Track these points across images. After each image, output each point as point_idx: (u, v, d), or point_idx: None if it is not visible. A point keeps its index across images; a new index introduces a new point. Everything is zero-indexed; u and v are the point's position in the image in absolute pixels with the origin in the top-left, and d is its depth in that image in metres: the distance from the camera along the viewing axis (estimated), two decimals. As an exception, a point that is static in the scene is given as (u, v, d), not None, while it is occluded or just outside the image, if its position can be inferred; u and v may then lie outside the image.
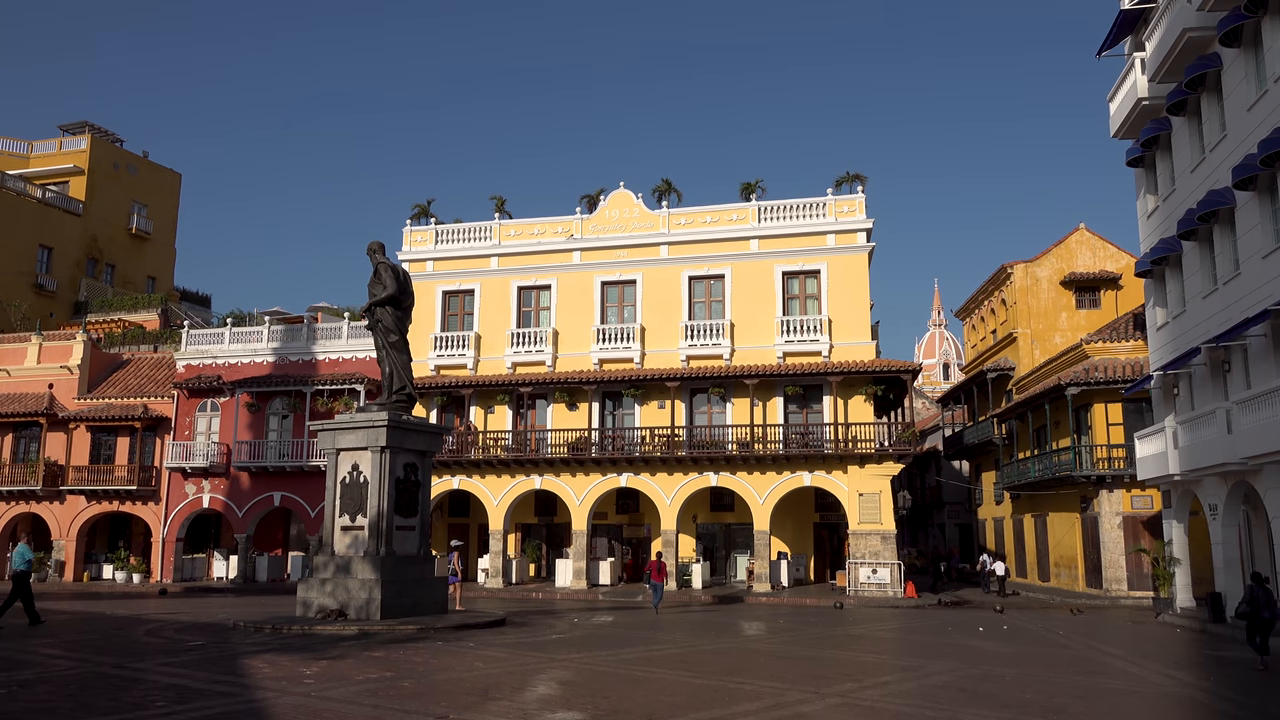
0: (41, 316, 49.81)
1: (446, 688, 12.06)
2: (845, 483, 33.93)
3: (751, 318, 36.24)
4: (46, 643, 17.26)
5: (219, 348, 41.64)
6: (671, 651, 16.70)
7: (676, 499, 35.19)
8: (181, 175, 66.28)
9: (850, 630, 21.63)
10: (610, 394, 36.92)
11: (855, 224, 36.03)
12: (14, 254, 52.11)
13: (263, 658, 14.84)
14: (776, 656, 16.50)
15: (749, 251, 36.77)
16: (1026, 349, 41.90)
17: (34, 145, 60.02)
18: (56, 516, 41.43)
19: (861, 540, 33.42)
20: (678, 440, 34.76)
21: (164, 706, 10.57)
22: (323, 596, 20.53)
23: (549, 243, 38.51)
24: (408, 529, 21.59)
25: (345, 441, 21.46)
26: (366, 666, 13.83)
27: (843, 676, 13.63)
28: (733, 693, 11.97)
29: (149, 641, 17.47)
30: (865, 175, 36.88)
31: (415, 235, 39.97)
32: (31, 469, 40.94)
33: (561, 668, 14.17)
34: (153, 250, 62.17)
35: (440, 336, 38.35)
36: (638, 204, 38.27)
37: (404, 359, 22.67)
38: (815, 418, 35.31)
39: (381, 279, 22.56)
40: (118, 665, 14.03)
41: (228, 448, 39.95)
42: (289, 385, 39.22)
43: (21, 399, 42.16)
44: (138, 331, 49.12)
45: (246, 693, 11.50)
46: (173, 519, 40.49)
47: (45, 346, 43.44)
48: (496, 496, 36.68)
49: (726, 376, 34.83)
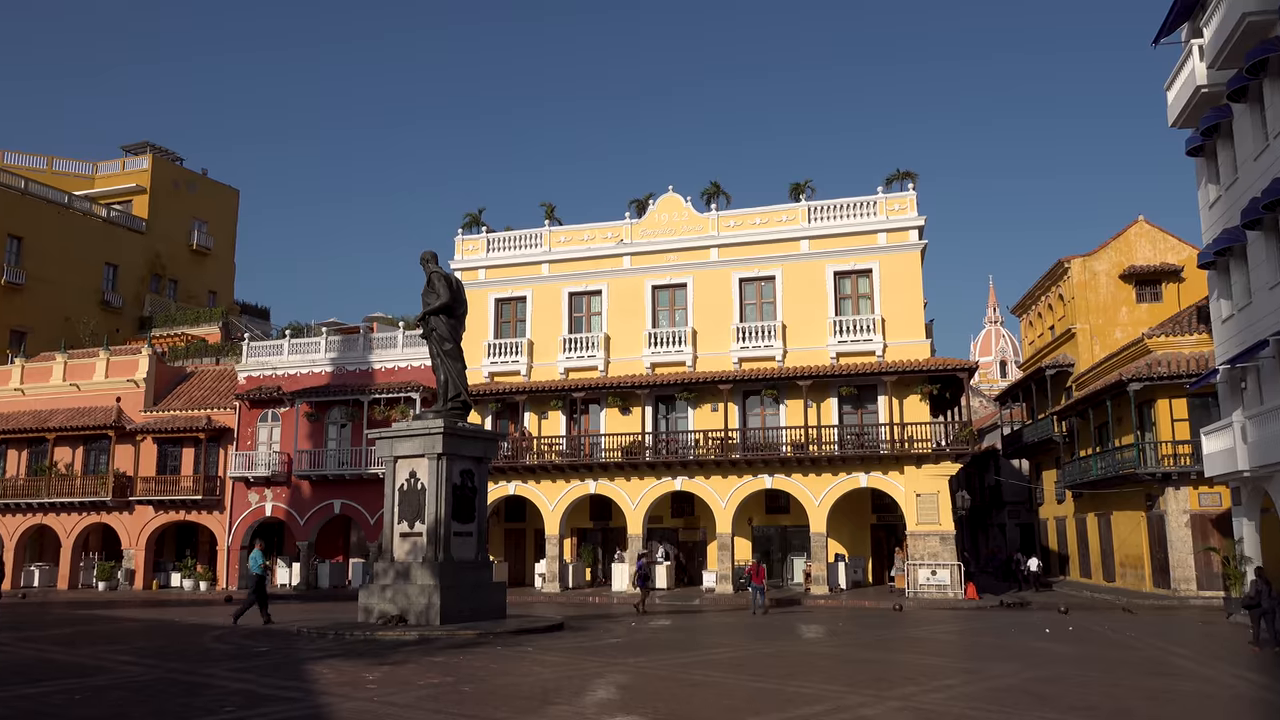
0: (109, 332, 51.24)
1: (506, 692, 12.16)
2: (902, 483, 33.55)
3: (803, 318, 36.01)
4: (119, 649, 17.75)
5: (278, 359, 42.45)
6: (729, 655, 16.65)
7: (731, 502, 35.08)
8: (239, 191, 67.93)
9: (910, 632, 21.38)
10: (663, 397, 36.92)
11: (907, 222, 35.64)
12: (82, 272, 53.72)
13: (327, 663, 15.09)
14: (836, 659, 16.37)
15: (799, 252, 36.55)
16: (1086, 345, 41.07)
17: (98, 166, 61.94)
18: (126, 526, 42.56)
19: (920, 541, 33.01)
20: (731, 443, 34.65)
21: (233, 712, 10.80)
22: (383, 602, 20.81)
23: (599, 248, 38.65)
24: (465, 535, 21.80)
25: (402, 449, 21.74)
26: (427, 672, 13.99)
27: (904, 679, 13.48)
28: (792, 696, 11.90)
29: (217, 647, 17.86)
30: (916, 173, 36.46)
31: (467, 244, 40.39)
32: (102, 480, 42.12)
33: (620, 672, 14.20)
34: (213, 265, 63.69)
35: (493, 344, 38.69)
36: (687, 207, 38.26)
37: (459, 367, 22.90)
38: (870, 418, 34.96)
39: (435, 288, 22.81)
40: (187, 671, 14.37)
41: (289, 457, 40.70)
42: (347, 395, 39.87)
43: (91, 412, 43.40)
44: (200, 345, 50.31)
45: (312, 698, 11.71)
46: (237, 527, 41.36)
47: (113, 361, 44.68)
48: (552, 501, 36.88)
49: (779, 378, 34.64)
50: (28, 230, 51.03)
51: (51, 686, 12.92)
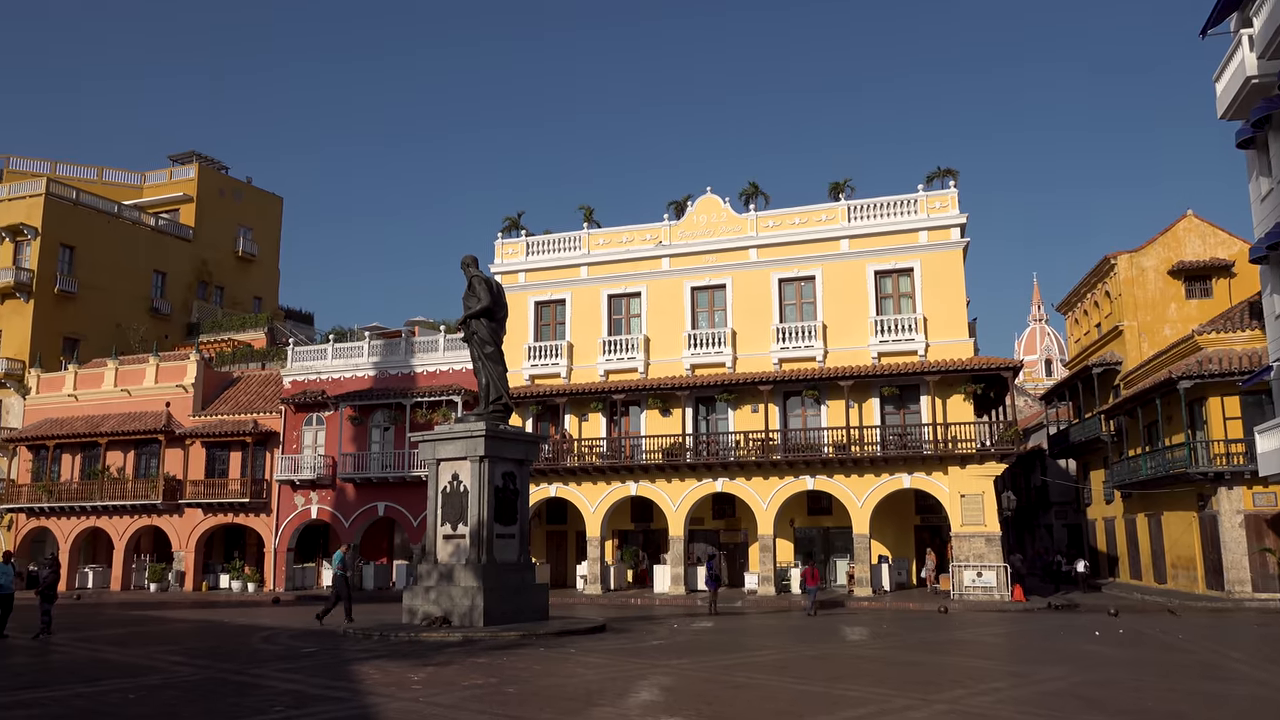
0: (158, 339, 52.23)
1: (550, 694, 12.21)
2: (946, 484, 33.19)
3: (844, 318, 35.78)
4: (170, 649, 18.08)
5: (322, 363, 42.99)
6: (773, 657, 16.57)
7: (773, 503, 34.94)
8: (283, 199, 68.90)
9: (956, 635, 21.14)
10: (703, 399, 36.86)
11: (948, 220, 35.28)
12: (132, 280, 54.82)
13: (372, 664, 15.25)
14: (881, 662, 16.23)
15: (839, 251, 36.32)
16: (1134, 342, 40.36)
17: (146, 176, 63.21)
18: (176, 529, 43.34)
19: (965, 543, 32.64)
20: (772, 444, 34.51)
21: (282, 712, 10.95)
22: (427, 604, 20.99)
23: (638, 250, 38.70)
24: (507, 537, 21.92)
25: (445, 452, 21.92)
26: (471, 673, 14.08)
27: (950, 683, 13.32)
28: (837, 699, 11.82)
29: (265, 648, 18.12)
30: (957, 170, 36.08)
31: (506, 247, 40.62)
32: (152, 484, 42.95)
33: (663, 674, 14.19)
34: (258, 271, 64.70)
35: (534, 346, 38.88)
36: (725, 208, 38.18)
37: (499, 369, 23.04)
38: (913, 418, 34.63)
39: (476, 292, 22.97)
40: (237, 671, 14.60)
41: (333, 460, 41.21)
42: (389, 398, 40.28)
43: (141, 417, 44.26)
44: (246, 350, 51.10)
45: (358, 698, 11.84)
46: (283, 530, 41.94)
47: (162, 367, 45.54)
48: (593, 503, 36.97)
49: (820, 379, 34.44)
50: (80, 240, 52.18)
51: (107, 686, 13.20)
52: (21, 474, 45.96)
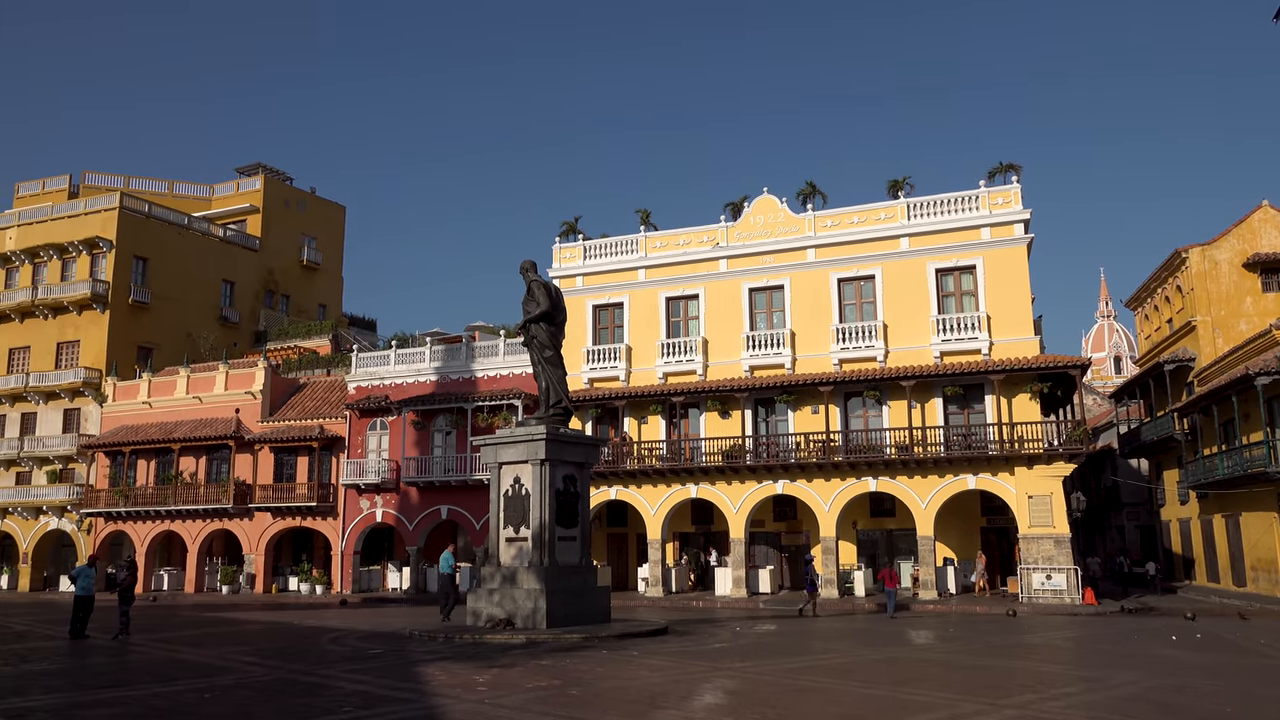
0: (227, 346, 53.50)
1: (614, 696, 12.24)
2: (1013, 485, 32.56)
3: (905, 317, 35.32)
4: (242, 650, 18.51)
5: (385, 369, 43.66)
6: (837, 661, 16.42)
7: (835, 505, 34.62)
8: (345, 207, 70.19)
9: (1025, 639, 20.73)
10: (762, 400, 36.66)
11: (1011, 215, 34.63)
12: (202, 289, 56.28)
13: (438, 665, 15.45)
14: (948, 666, 15.99)
15: (899, 250, 35.86)
16: (1207, 337, 39.19)
17: (215, 188, 64.89)
18: (246, 532, 44.36)
19: (1033, 545, 31.98)
20: (833, 445, 34.20)
21: (350, 712, 11.15)
22: (491, 606, 21.19)
23: (695, 252, 38.65)
24: (569, 539, 22.03)
25: (506, 455, 22.11)
26: (535, 675, 14.18)
27: (1020, 687, 13.07)
28: (904, 703, 11.67)
29: (333, 650, 18.45)
30: (1020, 164, 35.39)
31: (564, 252, 40.86)
32: (223, 488, 44.03)
33: (726, 677, 14.14)
34: (322, 279, 65.97)
35: (592, 350, 39.03)
36: (782, 208, 37.95)
37: (559, 373, 23.17)
38: (977, 418, 34.05)
39: (535, 296, 23.14)
40: (306, 672, 14.90)
41: (397, 464, 41.82)
42: (451, 403, 40.76)
43: (212, 424, 45.41)
44: (311, 357, 52.12)
45: (425, 699, 12.00)
46: (349, 533, 42.68)
47: (231, 374, 46.68)
48: (653, 506, 36.99)
49: (881, 379, 34.04)
50: (152, 251, 53.70)
51: (183, 686, 13.56)
52: (100, 479, 47.46)
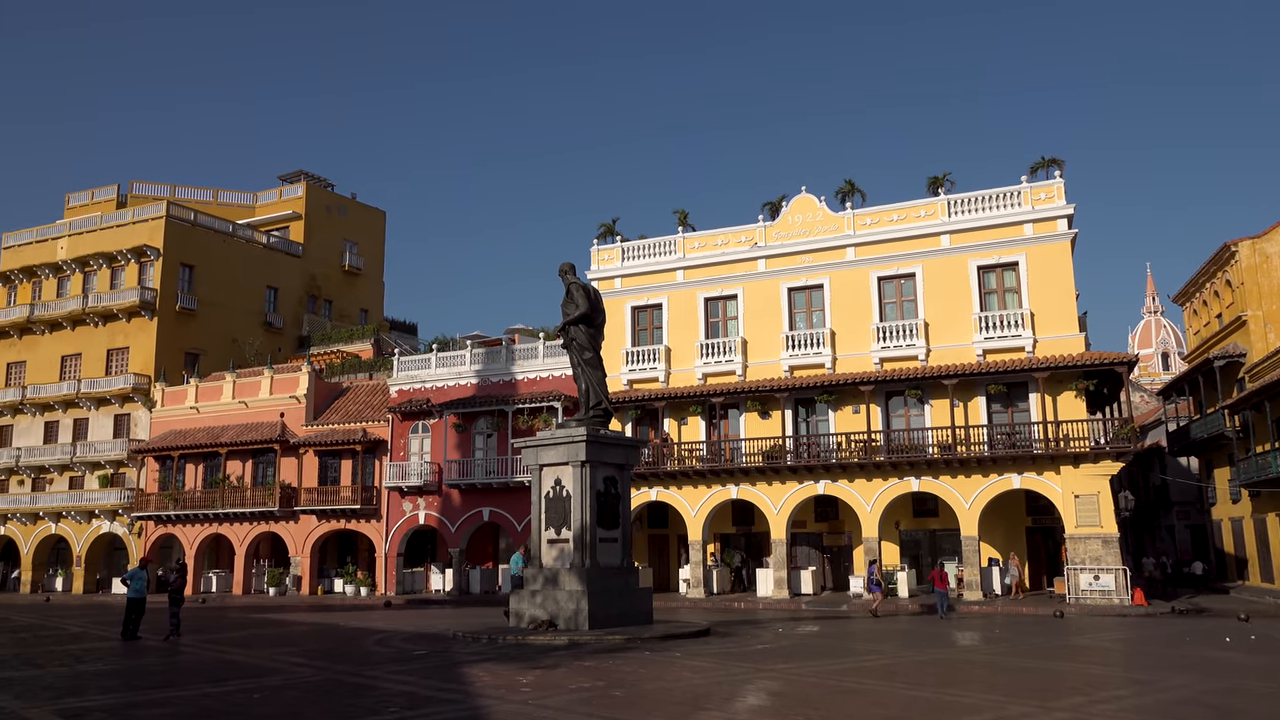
0: (271, 352, 54.29)
1: (657, 697, 12.24)
2: (1059, 484, 32.11)
3: (946, 315, 34.97)
4: (290, 650, 18.76)
5: (426, 372, 44.04)
6: (881, 662, 16.29)
7: (877, 505, 34.35)
8: (385, 213, 70.93)
9: (1073, 640, 20.42)
10: (802, 400, 36.49)
11: (1054, 211, 34.16)
12: (247, 296, 57.18)
13: (481, 666, 15.54)
14: (994, 668, 15.80)
15: (940, 247, 35.52)
16: (1259, 332, 38.35)
17: (258, 196, 65.94)
18: (292, 535, 44.97)
19: (1080, 545, 31.51)
20: (875, 445, 33.94)
21: (397, 712, 11.26)
22: (533, 608, 21.28)
23: (733, 252, 38.56)
24: (610, 541, 22.07)
25: (547, 457, 22.20)
26: (578, 676, 14.22)
27: (1069, 690, 12.87)
28: (949, 705, 11.55)
29: (378, 651, 18.64)
30: (1063, 159, 34.90)
31: (602, 254, 40.96)
32: (269, 491, 44.68)
33: (769, 678, 14.09)
34: (364, 284, 66.73)
35: (631, 351, 39.08)
36: (821, 207, 37.74)
37: (599, 375, 23.22)
38: (1021, 417, 33.62)
39: (574, 298, 23.22)
40: (353, 673, 15.06)
41: (439, 467, 42.16)
42: (491, 405, 41.03)
43: (258, 428, 46.09)
44: (354, 361, 52.73)
45: (469, 700, 12.09)
46: (393, 535, 43.10)
47: (276, 379, 47.37)
48: (694, 507, 36.95)
49: (923, 377, 33.73)
50: (198, 259, 54.66)
51: (233, 686, 13.77)
52: (149, 483, 48.37)
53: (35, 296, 55.90)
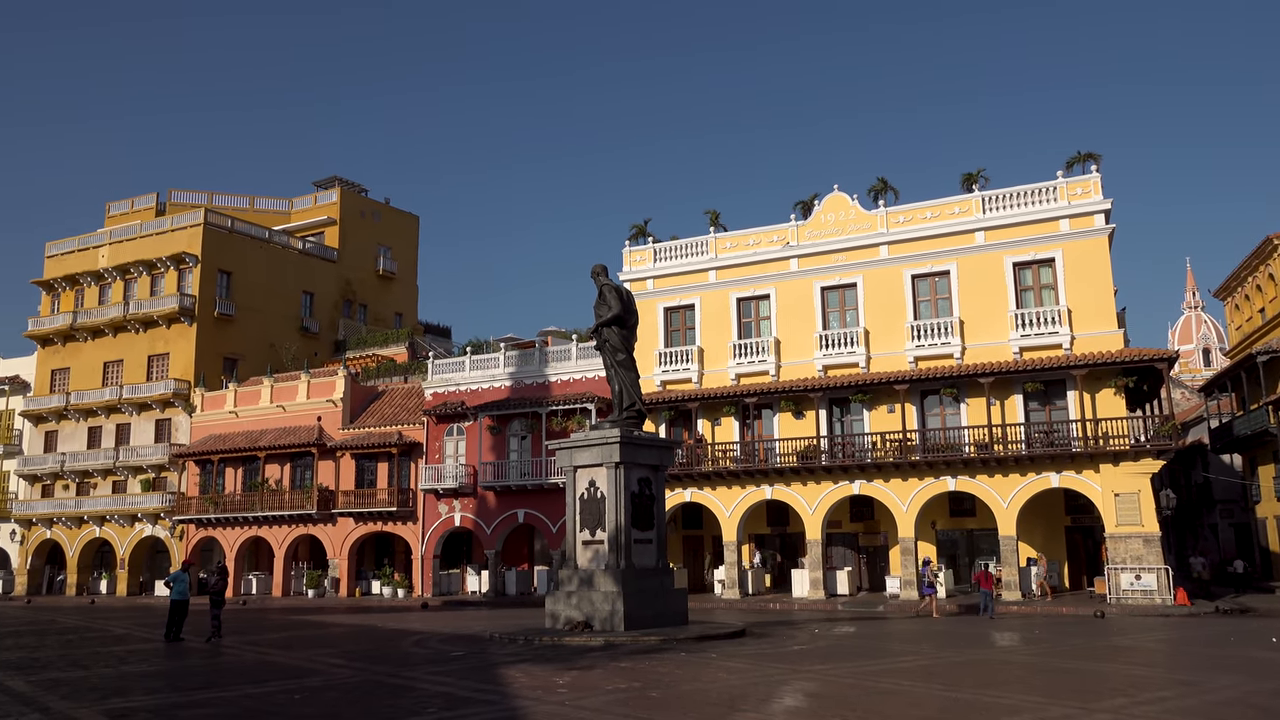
0: (308, 356, 54.92)
1: (693, 698, 12.24)
2: (1098, 483, 31.70)
3: (982, 313, 34.65)
4: (329, 652, 18.96)
5: (461, 375, 44.33)
6: (919, 663, 16.18)
7: (913, 505, 34.10)
8: (419, 217, 71.47)
9: (1115, 641, 20.15)
10: (837, 400, 36.31)
11: (1091, 206, 33.73)
12: (283, 301, 57.87)
13: (518, 667, 15.62)
14: (1034, 669, 15.63)
15: (974, 244, 35.21)
16: (1304, 327, 37.61)
17: (293, 202, 66.71)
18: (330, 537, 45.43)
19: (1121, 544, 31.08)
20: (910, 444, 33.70)
21: (435, 713, 11.35)
22: (569, 609, 21.35)
23: (765, 252, 38.46)
24: (645, 542, 22.10)
25: (581, 459, 22.27)
26: (614, 677, 14.26)
27: (1111, 691, 12.71)
28: (988, 706, 11.45)
29: (416, 652, 18.80)
30: (1099, 154, 34.44)
31: (634, 255, 41.00)
32: (307, 494, 45.17)
33: (806, 679, 14.05)
34: (398, 288, 67.29)
35: (664, 352, 39.09)
36: (854, 205, 37.54)
37: (632, 376, 23.26)
38: (1059, 415, 33.23)
39: (606, 300, 23.28)
40: (391, 674, 15.20)
41: (474, 469, 42.41)
42: (525, 407, 41.22)
43: (296, 431, 46.62)
44: (389, 365, 53.18)
45: (507, 701, 12.16)
46: (429, 537, 43.42)
47: (312, 383, 47.87)
48: (728, 508, 36.88)
49: (959, 376, 33.45)
50: (235, 265, 55.40)
51: (273, 687, 13.96)
52: (190, 487, 49.09)
53: (78, 304, 56.94)
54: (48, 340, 56.90)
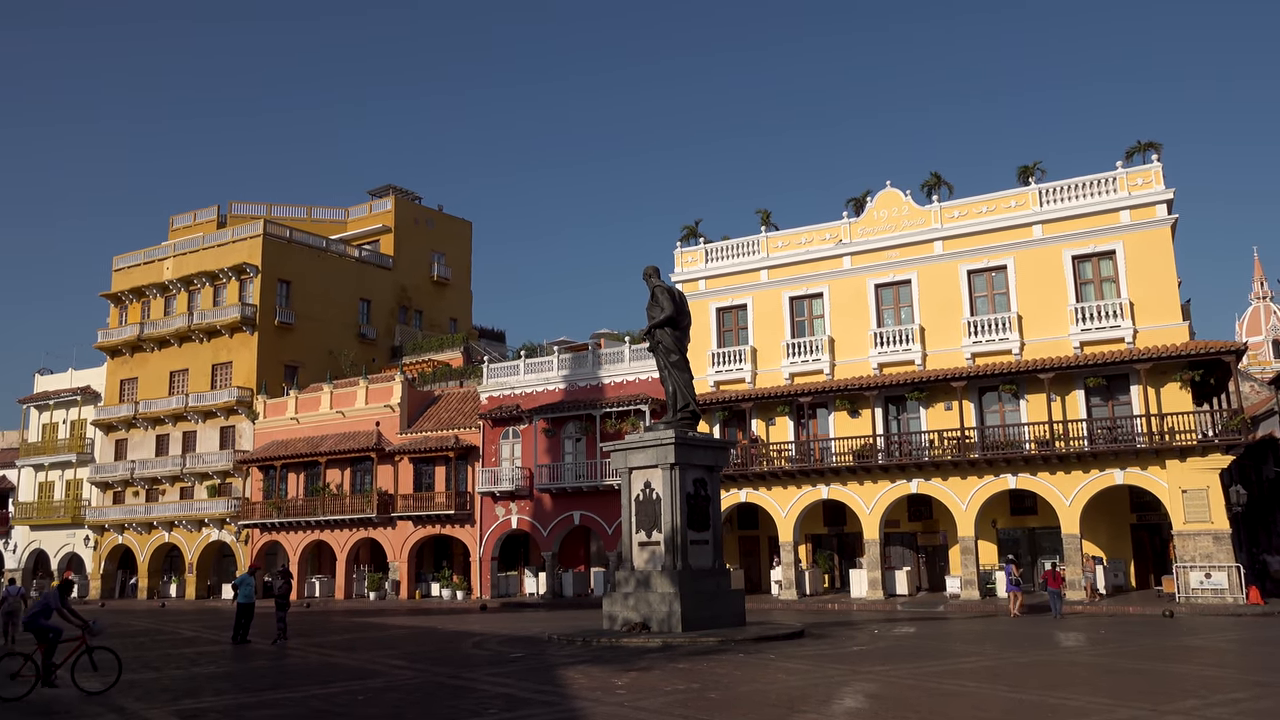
0: (365, 362, 55.76)
1: (752, 699, 12.21)
2: (1164, 479, 30.95)
3: (1040, 308, 34.04)
4: (391, 653, 19.25)
5: (515, 379, 44.69)
6: (981, 664, 15.95)
7: (972, 504, 33.61)
8: (472, 223, 72.23)
9: (1184, 641, 19.67)
10: (892, 398, 35.93)
11: (1153, 196, 32.95)
12: (341, 309, 58.86)
13: (577, 669, 15.72)
14: (1101, 670, 15.32)
15: (1032, 238, 34.60)
16: (1380, 316, 36.35)
17: (349, 211, 67.81)
18: (390, 540, 46.09)
19: (1189, 541, 30.31)
20: (969, 442, 33.22)
21: (496, 714, 11.47)
22: (626, 610, 21.42)
23: (817, 250, 38.19)
24: (701, 543, 22.08)
25: (636, 460, 22.33)
26: (673, 678, 14.28)
27: (1182, 693, 12.42)
28: (1055, 708, 11.25)
29: (476, 653, 19.01)
30: (1160, 143, 33.63)
31: (686, 256, 40.99)
32: (367, 499, 45.88)
33: (866, 680, 13.93)
34: (452, 294, 68.06)
35: (717, 353, 39.02)
36: (907, 201, 37.12)
37: (685, 377, 23.27)
38: (1122, 410, 32.52)
39: (659, 302, 23.31)
40: (452, 675, 15.39)
41: (529, 471, 42.72)
42: (579, 410, 41.42)
43: (355, 436, 47.38)
44: (445, 369, 53.80)
45: (566, 702, 12.24)
46: (487, 539, 43.82)
47: (371, 389, 48.61)
48: (784, 508, 36.69)
49: (1017, 372, 32.89)
50: (294, 274, 56.48)
51: (338, 688, 14.21)
52: (254, 492, 50.13)
53: (144, 316, 58.47)
54: (117, 351, 58.54)
